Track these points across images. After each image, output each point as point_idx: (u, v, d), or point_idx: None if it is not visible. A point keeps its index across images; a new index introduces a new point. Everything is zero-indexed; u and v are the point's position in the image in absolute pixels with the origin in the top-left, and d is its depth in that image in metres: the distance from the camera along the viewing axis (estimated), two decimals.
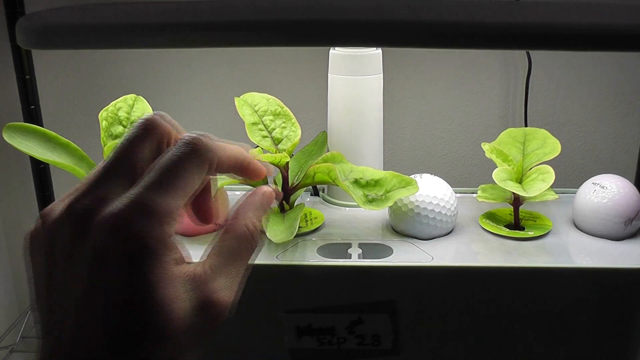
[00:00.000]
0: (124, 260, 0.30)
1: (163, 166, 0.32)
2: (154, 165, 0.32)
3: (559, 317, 0.49)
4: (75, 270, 0.30)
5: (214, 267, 0.34)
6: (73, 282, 0.30)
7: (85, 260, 0.30)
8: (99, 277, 0.30)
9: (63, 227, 0.31)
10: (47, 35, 0.47)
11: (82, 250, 0.30)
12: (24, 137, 0.54)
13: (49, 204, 0.36)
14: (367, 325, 0.48)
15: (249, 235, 0.37)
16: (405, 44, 0.44)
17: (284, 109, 0.55)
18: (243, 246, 0.37)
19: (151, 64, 0.89)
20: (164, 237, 0.31)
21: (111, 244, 0.30)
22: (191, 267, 0.33)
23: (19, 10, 0.79)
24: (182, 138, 0.33)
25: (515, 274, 0.48)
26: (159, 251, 0.31)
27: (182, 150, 0.32)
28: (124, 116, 0.57)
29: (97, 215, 0.30)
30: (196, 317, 0.31)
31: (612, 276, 0.48)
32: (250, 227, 0.37)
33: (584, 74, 0.86)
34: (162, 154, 0.33)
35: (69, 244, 0.31)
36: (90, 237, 0.30)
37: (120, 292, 0.30)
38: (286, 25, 0.44)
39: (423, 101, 0.88)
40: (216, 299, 0.33)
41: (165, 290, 0.30)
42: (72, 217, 0.31)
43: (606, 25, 0.43)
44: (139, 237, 0.30)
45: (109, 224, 0.30)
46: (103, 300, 0.29)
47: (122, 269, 0.30)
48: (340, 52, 0.57)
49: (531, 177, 0.52)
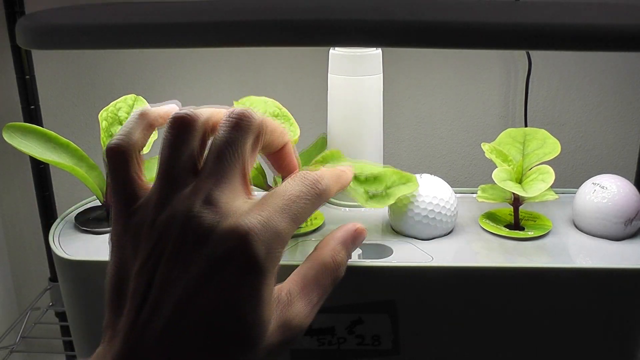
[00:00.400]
0: (241, 270, 0.32)
1: (290, 200, 0.34)
2: None
3: (558, 317, 0.49)
4: (180, 270, 0.32)
5: (296, 292, 0.36)
6: (176, 281, 0.32)
7: (196, 265, 0.32)
8: (210, 283, 0.31)
9: (173, 226, 0.33)
10: (47, 35, 0.47)
11: (195, 254, 0.32)
12: (24, 137, 0.54)
13: (49, 204, 0.36)
14: (367, 325, 0.48)
15: (334, 267, 0.38)
16: (405, 44, 0.44)
17: (282, 110, 0.55)
18: (327, 275, 0.38)
19: (151, 64, 0.89)
20: (278, 260, 0.33)
21: (233, 252, 0.32)
22: (277, 290, 0.35)
23: (19, 10, 0.79)
24: None
25: (515, 274, 0.48)
26: (271, 273, 0.33)
27: (306, 188, 0.35)
28: (124, 116, 0.57)
29: (219, 222, 0.32)
30: (274, 337, 0.33)
31: (612, 276, 0.48)
32: (337, 259, 0.39)
33: (584, 74, 0.86)
34: None
35: (178, 243, 0.32)
36: (208, 244, 0.32)
37: (227, 301, 0.31)
38: (286, 25, 0.44)
39: (423, 101, 0.88)
40: (294, 324, 0.35)
41: (265, 309, 0.33)
42: (184, 219, 0.32)
43: (606, 25, 0.43)
44: (260, 257, 0.32)
45: (236, 235, 0.32)
46: (208, 305, 0.31)
47: (236, 282, 0.32)
48: (340, 52, 0.57)
49: (531, 177, 0.52)
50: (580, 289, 0.48)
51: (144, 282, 0.32)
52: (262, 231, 0.32)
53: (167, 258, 0.32)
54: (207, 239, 0.32)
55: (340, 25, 0.44)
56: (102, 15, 0.51)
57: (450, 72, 0.86)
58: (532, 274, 0.48)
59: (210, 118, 0.37)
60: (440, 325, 0.49)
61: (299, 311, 0.35)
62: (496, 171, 0.51)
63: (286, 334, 0.34)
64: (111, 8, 0.53)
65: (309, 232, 0.54)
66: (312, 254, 0.39)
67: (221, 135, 0.35)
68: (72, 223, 0.56)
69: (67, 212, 0.58)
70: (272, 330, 0.33)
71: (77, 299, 0.52)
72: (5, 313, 1.01)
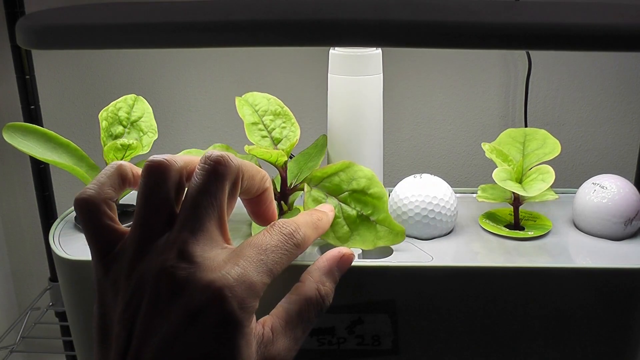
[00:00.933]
0: (216, 324, 0.32)
1: (267, 251, 0.34)
2: None
3: (558, 317, 0.49)
4: (158, 320, 0.33)
5: (279, 328, 0.36)
6: (155, 330, 0.32)
7: (174, 315, 0.32)
8: (187, 334, 0.32)
9: (148, 278, 0.33)
10: (47, 35, 0.47)
11: (172, 306, 0.32)
12: (24, 137, 0.54)
13: (49, 204, 0.36)
14: (367, 325, 0.48)
15: (319, 299, 0.38)
16: (405, 44, 0.44)
17: (284, 109, 0.55)
18: (312, 309, 0.38)
19: (151, 64, 0.89)
20: (253, 311, 0.34)
21: (208, 307, 0.32)
22: (259, 328, 0.35)
23: (19, 10, 0.79)
24: None
25: (515, 274, 0.48)
26: (248, 321, 0.33)
27: (283, 239, 0.35)
28: (124, 116, 0.57)
29: (194, 276, 0.32)
30: None
31: (612, 276, 0.48)
32: (322, 292, 0.38)
33: (584, 74, 0.86)
34: None
35: (154, 295, 0.33)
36: (184, 296, 0.32)
37: (205, 351, 0.32)
38: (286, 25, 0.44)
39: (423, 101, 0.88)
40: None
41: (244, 355, 0.33)
42: (158, 273, 0.33)
43: (606, 25, 0.43)
44: (235, 308, 0.32)
45: (211, 290, 0.32)
46: (186, 355, 0.32)
47: (213, 331, 0.32)
48: (340, 52, 0.57)
49: (531, 177, 0.52)
50: (580, 289, 0.48)
51: (126, 329, 0.33)
52: (236, 285, 0.32)
53: (145, 309, 0.33)
54: (182, 291, 0.32)
55: (340, 25, 0.44)
56: (102, 15, 0.51)
57: (450, 72, 0.86)
58: (532, 274, 0.48)
59: (188, 164, 0.36)
60: (440, 325, 0.49)
61: (283, 347, 0.35)
62: (496, 171, 0.51)
63: None
64: (111, 8, 0.53)
65: None
66: (297, 287, 0.38)
67: (196, 182, 0.34)
68: (72, 223, 0.56)
69: (67, 212, 0.58)
70: None
71: (77, 299, 0.52)
72: (5, 313, 1.01)
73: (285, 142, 0.54)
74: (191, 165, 0.36)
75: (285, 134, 0.54)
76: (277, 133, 0.54)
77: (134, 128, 0.57)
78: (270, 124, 0.55)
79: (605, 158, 0.89)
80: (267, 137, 0.54)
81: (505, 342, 0.50)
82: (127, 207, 0.59)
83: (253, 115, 0.55)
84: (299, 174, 0.56)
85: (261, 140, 0.54)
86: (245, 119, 0.54)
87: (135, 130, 0.57)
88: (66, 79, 0.90)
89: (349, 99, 0.58)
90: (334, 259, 0.39)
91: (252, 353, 0.33)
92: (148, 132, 0.57)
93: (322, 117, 0.61)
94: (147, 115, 0.58)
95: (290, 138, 0.54)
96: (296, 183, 0.55)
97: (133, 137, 0.57)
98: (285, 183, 0.54)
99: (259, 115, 0.55)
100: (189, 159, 0.36)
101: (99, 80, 0.89)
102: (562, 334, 0.50)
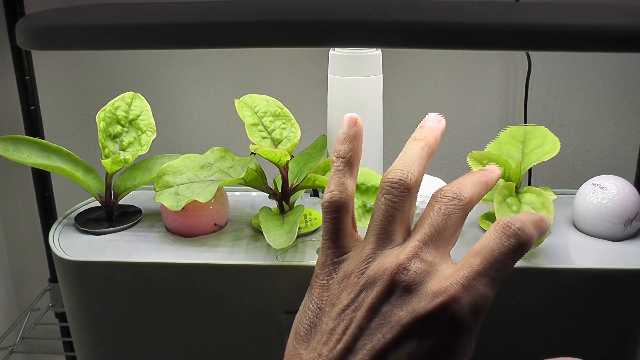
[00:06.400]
0: (442, 333, 0.34)
1: (490, 258, 0.36)
2: None
3: (558, 317, 0.49)
4: (380, 319, 0.35)
5: None
6: (373, 329, 0.34)
7: (399, 315, 0.34)
8: (412, 335, 0.34)
9: (382, 275, 0.35)
10: (47, 36, 0.47)
11: (399, 305, 0.35)
12: (16, 149, 0.55)
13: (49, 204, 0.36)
14: None
15: None
16: (405, 44, 0.44)
17: (284, 110, 0.55)
18: None
19: (151, 64, 0.89)
20: (482, 319, 0.35)
21: (437, 315, 0.34)
22: None
23: (19, 10, 0.79)
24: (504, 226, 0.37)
25: (515, 274, 0.48)
26: (474, 329, 0.35)
27: (507, 242, 0.36)
28: (122, 115, 0.57)
29: (425, 282, 0.35)
30: None
31: (612, 276, 0.48)
32: None
33: (584, 74, 0.86)
34: None
35: (384, 292, 0.35)
36: (413, 299, 0.34)
37: (428, 351, 0.34)
38: (286, 25, 0.44)
39: (423, 101, 0.88)
40: None
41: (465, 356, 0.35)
42: (394, 270, 0.35)
43: (606, 25, 0.43)
44: (465, 319, 0.34)
45: (439, 300, 0.34)
46: (408, 353, 0.34)
47: (438, 339, 0.34)
48: (340, 53, 0.57)
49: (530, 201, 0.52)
50: (580, 289, 0.48)
51: (343, 325, 0.35)
52: (464, 296, 0.34)
53: (368, 305, 0.35)
54: (413, 293, 0.35)
55: (340, 25, 0.44)
56: (102, 15, 0.51)
57: (450, 73, 0.86)
58: (532, 274, 0.48)
59: (419, 182, 0.39)
60: None
61: None
62: None
63: None
64: (111, 8, 0.53)
65: (308, 232, 0.54)
66: None
67: (439, 208, 0.38)
68: (72, 223, 0.56)
69: (67, 213, 0.58)
70: None
71: (77, 299, 0.52)
72: (5, 314, 1.01)
73: (286, 143, 0.54)
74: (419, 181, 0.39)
75: (286, 134, 0.54)
76: (277, 134, 0.54)
77: (133, 127, 0.57)
78: (270, 125, 0.55)
79: (605, 159, 0.89)
80: (268, 138, 0.54)
81: (505, 342, 0.50)
82: (127, 207, 0.59)
83: (253, 117, 0.55)
84: (299, 174, 0.56)
85: (261, 141, 0.54)
86: (245, 120, 0.54)
87: (133, 129, 0.57)
88: (66, 80, 0.90)
89: (349, 100, 0.58)
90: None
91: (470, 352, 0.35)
92: (147, 130, 0.57)
93: (322, 117, 0.61)
94: (145, 113, 0.58)
95: (291, 139, 0.54)
96: (297, 183, 0.55)
97: (131, 136, 0.56)
98: (287, 183, 0.54)
99: (259, 116, 0.55)
100: (420, 176, 0.39)
101: (98, 81, 0.89)
102: (562, 334, 0.50)
